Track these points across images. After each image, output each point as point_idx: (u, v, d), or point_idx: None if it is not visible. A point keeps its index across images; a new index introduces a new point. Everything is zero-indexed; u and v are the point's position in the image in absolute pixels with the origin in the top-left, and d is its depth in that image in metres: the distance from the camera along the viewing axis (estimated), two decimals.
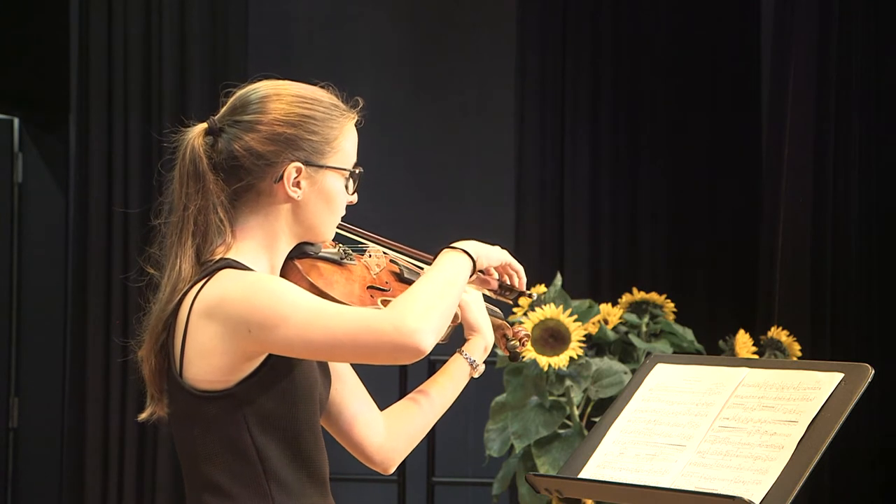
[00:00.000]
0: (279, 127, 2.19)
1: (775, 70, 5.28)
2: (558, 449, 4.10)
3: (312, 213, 2.23)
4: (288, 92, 2.24)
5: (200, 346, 2.12)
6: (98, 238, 5.50)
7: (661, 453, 2.23)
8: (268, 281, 2.12)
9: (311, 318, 2.07)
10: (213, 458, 2.15)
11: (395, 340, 2.05)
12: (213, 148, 2.21)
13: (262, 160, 2.19)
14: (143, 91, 5.52)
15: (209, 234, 2.18)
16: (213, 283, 2.13)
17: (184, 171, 2.21)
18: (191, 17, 5.57)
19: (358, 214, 2.36)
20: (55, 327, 5.79)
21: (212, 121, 2.24)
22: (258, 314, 2.08)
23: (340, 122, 2.26)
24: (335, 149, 2.25)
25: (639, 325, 4.39)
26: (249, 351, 2.11)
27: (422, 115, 6.12)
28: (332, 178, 2.24)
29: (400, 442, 2.41)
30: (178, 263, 2.17)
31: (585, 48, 5.64)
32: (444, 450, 5.55)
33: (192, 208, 2.19)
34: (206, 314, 2.12)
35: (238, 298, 2.10)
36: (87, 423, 5.47)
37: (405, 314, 2.06)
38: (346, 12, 6.17)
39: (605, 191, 5.63)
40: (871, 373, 2.14)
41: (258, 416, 2.13)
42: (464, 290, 2.22)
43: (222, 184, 2.19)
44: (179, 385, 2.15)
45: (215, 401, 2.13)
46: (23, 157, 5.86)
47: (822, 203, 5.11)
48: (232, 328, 2.10)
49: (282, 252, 2.24)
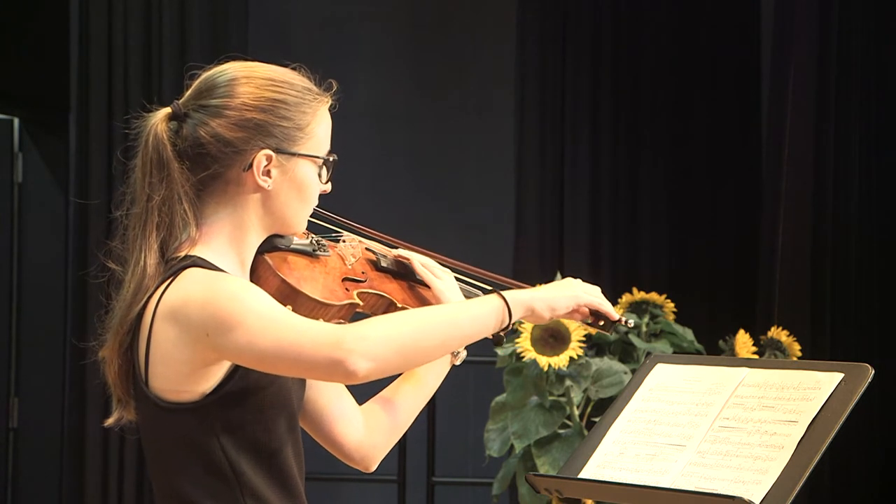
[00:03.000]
0: (248, 112, 2.05)
1: (775, 70, 5.28)
2: (558, 449, 4.10)
3: (284, 203, 2.09)
4: (258, 74, 2.09)
5: (164, 352, 2.00)
6: (98, 238, 5.49)
7: (661, 453, 2.23)
8: (231, 283, 1.99)
9: (265, 326, 1.94)
10: (185, 473, 2.03)
11: (329, 356, 1.92)
12: (177, 134, 2.06)
13: (230, 147, 2.04)
14: (144, 91, 5.52)
15: (174, 226, 2.04)
16: (177, 284, 2.00)
17: (146, 159, 2.06)
18: (191, 17, 5.57)
19: (358, 214, 2.29)
20: (55, 327, 5.78)
21: (176, 105, 2.08)
22: (215, 318, 1.95)
23: (313, 106, 2.11)
24: (308, 135, 2.09)
25: (639, 326, 4.39)
26: (208, 357, 1.98)
27: (421, 115, 6.12)
28: (305, 165, 2.09)
29: (380, 437, 2.29)
30: (142, 259, 2.04)
31: (585, 48, 5.64)
32: (444, 450, 5.55)
33: (156, 199, 2.04)
34: (168, 317, 1.99)
35: (199, 300, 1.97)
36: (87, 423, 5.46)
37: (357, 334, 1.94)
38: (345, 12, 6.17)
39: (605, 191, 5.63)
40: (871, 373, 2.14)
41: (230, 430, 2.01)
42: (475, 336, 2.06)
43: (187, 173, 2.04)
44: (145, 395, 2.03)
45: (184, 413, 2.00)
46: (23, 157, 5.86)
47: (822, 203, 5.11)
48: (193, 332, 1.97)
49: (251, 246, 2.10)
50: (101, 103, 5.52)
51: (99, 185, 5.50)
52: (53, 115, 5.79)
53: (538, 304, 2.13)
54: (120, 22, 5.52)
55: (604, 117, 5.64)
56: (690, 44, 5.65)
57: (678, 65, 5.64)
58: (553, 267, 5.24)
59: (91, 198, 5.49)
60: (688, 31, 5.65)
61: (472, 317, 2.06)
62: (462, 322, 2.05)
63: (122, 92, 5.52)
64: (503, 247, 5.74)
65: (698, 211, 5.66)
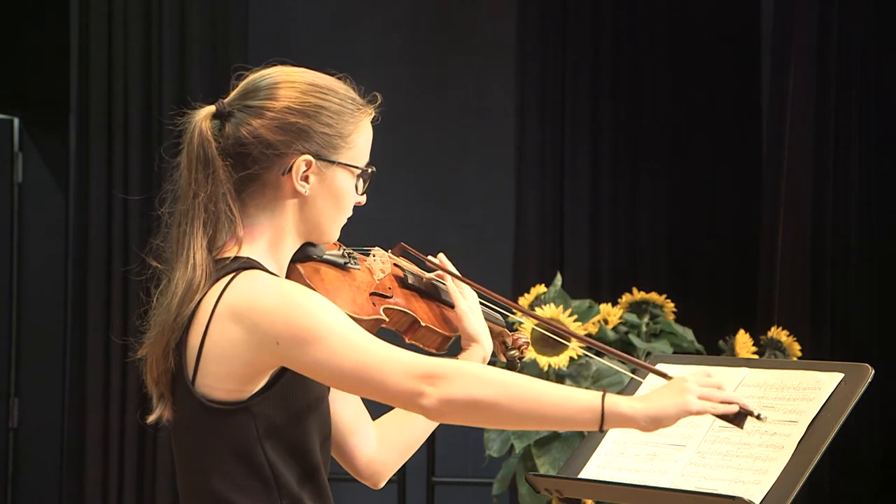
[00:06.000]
0: (291, 115, 2.06)
1: (775, 70, 5.28)
2: (558, 449, 4.09)
3: (320, 210, 2.09)
4: (301, 79, 2.10)
5: (220, 351, 2.00)
6: (98, 238, 5.49)
7: (661, 453, 2.23)
8: (305, 295, 2.00)
9: (347, 346, 1.95)
10: (223, 472, 2.03)
11: (413, 389, 1.94)
12: (220, 132, 2.07)
13: (271, 149, 2.05)
14: (143, 91, 5.52)
15: (219, 223, 2.04)
16: (240, 284, 2.01)
17: (192, 156, 2.07)
18: (191, 18, 5.56)
19: (357, 214, 2.27)
20: (55, 327, 5.78)
21: (220, 103, 2.10)
22: (291, 329, 1.96)
23: (357, 116, 2.12)
24: (349, 144, 2.10)
25: (639, 325, 4.38)
26: (269, 363, 2.00)
27: (422, 115, 6.12)
28: (343, 175, 2.10)
29: (391, 455, 2.31)
30: (191, 256, 2.03)
31: (585, 48, 5.64)
32: (444, 450, 5.55)
33: (202, 195, 2.04)
34: (231, 317, 1.99)
35: (271, 308, 1.97)
36: (87, 423, 5.46)
37: (445, 375, 1.94)
38: (346, 12, 6.17)
39: (605, 191, 5.63)
40: (871, 373, 2.14)
41: (271, 431, 2.03)
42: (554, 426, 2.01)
43: (230, 170, 2.05)
44: (190, 393, 2.03)
45: (229, 414, 2.01)
46: (23, 157, 5.86)
47: (822, 203, 5.11)
48: (259, 337, 1.98)
49: (288, 252, 2.11)
50: (101, 103, 5.52)
51: (99, 184, 5.50)
52: (53, 115, 5.79)
53: (642, 422, 1.96)
54: (120, 22, 5.52)
55: (604, 117, 5.64)
56: (690, 44, 5.65)
57: (678, 65, 5.64)
58: (553, 267, 5.23)
59: (91, 197, 5.49)
60: (688, 31, 5.65)
61: (558, 407, 1.97)
62: (547, 407, 1.97)
63: (122, 92, 5.52)
64: (503, 247, 5.73)
65: (698, 211, 5.65)
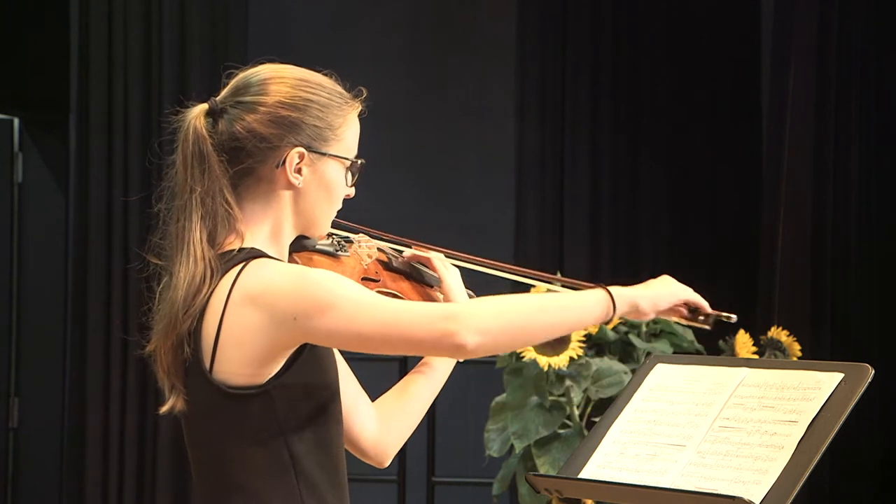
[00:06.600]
0: (283, 109, 2.12)
1: (775, 70, 5.28)
2: (558, 449, 4.09)
3: (313, 203, 2.16)
4: (291, 75, 2.16)
5: (238, 336, 2.04)
6: (98, 238, 5.50)
7: (661, 453, 2.23)
8: (314, 271, 2.07)
9: (363, 307, 2.01)
10: (242, 459, 2.07)
11: (443, 329, 1.99)
12: (213, 129, 2.13)
13: (265, 143, 2.11)
14: (144, 91, 5.53)
15: (217, 218, 2.09)
16: (252, 272, 2.05)
17: (187, 153, 2.13)
18: (191, 18, 5.57)
19: (358, 214, 2.33)
20: (55, 327, 5.79)
21: (213, 101, 2.16)
22: (306, 302, 2.01)
23: (345, 109, 2.19)
24: (338, 137, 2.18)
25: (639, 325, 4.38)
26: (288, 341, 2.04)
27: (422, 115, 6.12)
28: (334, 167, 2.18)
29: (393, 434, 2.36)
30: (192, 250, 2.08)
31: (585, 48, 5.64)
32: (444, 450, 5.55)
33: (199, 190, 2.10)
34: (247, 302, 2.04)
35: (285, 287, 2.03)
36: (87, 423, 5.47)
37: (469, 310, 2.01)
38: (346, 12, 6.17)
39: (605, 191, 5.63)
40: (871, 373, 2.14)
41: (291, 415, 2.06)
42: (579, 325, 2.13)
43: (226, 165, 2.11)
44: (207, 382, 2.07)
45: (248, 399, 2.05)
46: (23, 157, 5.86)
47: (822, 203, 5.11)
48: (277, 317, 2.02)
49: (286, 242, 2.17)
50: (101, 103, 5.52)
51: (99, 184, 5.50)
52: (53, 115, 5.80)
53: (642, 301, 2.19)
54: (120, 22, 5.53)
55: (604, 117, 5.64)
56: (690, 44, 5.65)
57: (678, 65, 5.64)
58: (553, 267, 5.24)
59: (91, 197, 5.50)
60: (688, 31, 5.65)
61: (579, 305, 2.11)
62: (570, 309, 2.10)
63: (122, 92, 5.52)
64: (503, 247, 5.73)
65: (698, 211, 5.66)
